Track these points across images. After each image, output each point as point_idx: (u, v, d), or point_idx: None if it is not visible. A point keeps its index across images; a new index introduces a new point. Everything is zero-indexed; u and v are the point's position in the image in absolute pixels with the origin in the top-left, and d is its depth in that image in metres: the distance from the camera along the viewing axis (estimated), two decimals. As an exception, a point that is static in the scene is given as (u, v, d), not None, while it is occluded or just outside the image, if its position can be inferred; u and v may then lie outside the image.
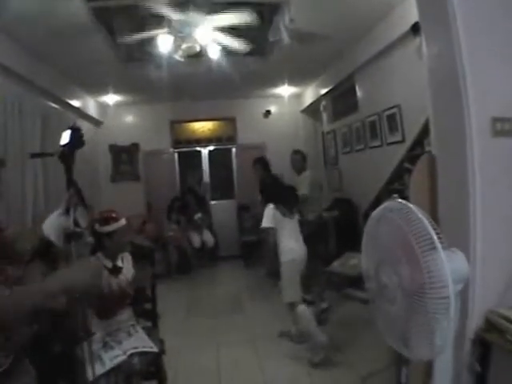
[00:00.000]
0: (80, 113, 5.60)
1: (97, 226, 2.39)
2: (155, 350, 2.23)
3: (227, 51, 4.05)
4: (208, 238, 6.30)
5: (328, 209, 5.53)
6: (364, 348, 3.11)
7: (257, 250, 5.95)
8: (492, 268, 1.62)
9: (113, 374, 2.02)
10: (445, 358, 1.44)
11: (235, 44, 4.14)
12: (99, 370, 2.05)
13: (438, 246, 1.33)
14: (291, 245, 3.17)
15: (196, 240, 6.13)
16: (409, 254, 1.40)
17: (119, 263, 2.45)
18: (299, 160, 4.73)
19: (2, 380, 1.17)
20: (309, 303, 3.49)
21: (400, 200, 1.46)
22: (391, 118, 4.16)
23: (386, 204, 1.45)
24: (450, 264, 1.34)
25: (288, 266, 3.13)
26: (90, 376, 1.98)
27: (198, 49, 3.62)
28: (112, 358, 2.07)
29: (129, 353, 2.11)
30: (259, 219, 3.41)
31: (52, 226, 1.39)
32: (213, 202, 7.09)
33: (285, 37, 4.05)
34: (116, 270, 2.40)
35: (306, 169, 4.72)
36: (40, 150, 4.36)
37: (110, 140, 6.64)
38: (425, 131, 3.59)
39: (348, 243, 5.01)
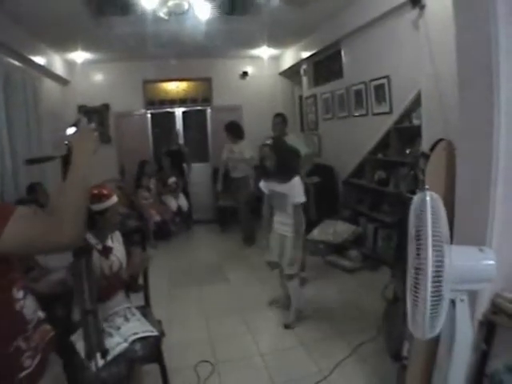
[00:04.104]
0: (45, 71, 5.16)
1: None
2: (156, 333, 2.16)
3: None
4: (183, 202, 6.24)
5: (308, 174, 5.55)
6: (351, 318, 3.24)
7: (232, 215, 5.96)
8: (504, 255, 1.69)
9: (114, 363, 1.92)
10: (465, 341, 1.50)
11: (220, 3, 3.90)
12: (100, 361, 1.99)
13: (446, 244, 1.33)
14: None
15: (173, 204, 6.05)
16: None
17: (109, 243, 2.29)
18: (280, 123, 4.58)
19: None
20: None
21: (430, 192, 1.43)
22: (379, 89, 4.14)
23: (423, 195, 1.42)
24: (456, 262, 1.35)
25: (302, 237, 3.17)
26: (92, 367, 1.93)
27: (186, 7, 3.37)
28: (113, 346, 1.97)
29: (130, 339, 2.03)
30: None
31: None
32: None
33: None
34: (106, 251, 2.25)
35: (287, 133, 4.63)
36: (5, 111, 4.04)
37: (78, 100, 6.19)
38: (414, 104, 3.62)
39: (327, 210, 5.11)
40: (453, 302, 1.40)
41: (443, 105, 2.83)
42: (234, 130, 5.36)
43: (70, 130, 1.35)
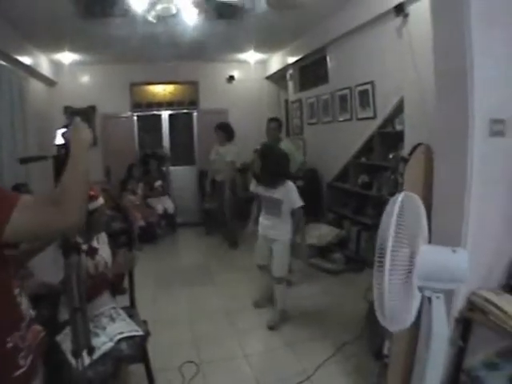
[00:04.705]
0: (31, 71, 5.12)
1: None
2: (141, 332, 2.18)
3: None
4: (169, 204, 6.26)
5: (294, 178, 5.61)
6: (335, 319, 3.30)
7: (217, 218, 5.98)
8: (480, 255, 1.76)
9: (100, 362, 1.93)
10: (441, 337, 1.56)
11: (208, 7, 3.94)
12: (86, 359, 1.99)
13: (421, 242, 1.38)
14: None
15: (159, 207, 6.05)
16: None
17: (95, 244, 2.30)
18: (276, 128, 4.62)
19: (23, 382, 1.12)
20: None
21: (408, 193, 1.49)
22: (363, 94, 4.22)
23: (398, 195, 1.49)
24: (427, 261, 1.41)
25: (288, 242, 3.23)
26: (79, 366, 1.93)
27: (174, 11, 3.39)
28: (99, 345, 1.97)
29: (116, 339, 2.04)
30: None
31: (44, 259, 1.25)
32: (172, 168, 6.95)
33: (262, 4, 3.90)
34: (92, 251, 2.26)
35: (282, 139, 4.66)
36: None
37: (64, 102, 6.15)
38: (397, 110, 3.71)
39: (311, 213, 5.16)
40: (429, 299, 1.46)
41: (425, 111, 2.91)
42: (226, 130, 5.39)
43: (61, 132, 1.36)
